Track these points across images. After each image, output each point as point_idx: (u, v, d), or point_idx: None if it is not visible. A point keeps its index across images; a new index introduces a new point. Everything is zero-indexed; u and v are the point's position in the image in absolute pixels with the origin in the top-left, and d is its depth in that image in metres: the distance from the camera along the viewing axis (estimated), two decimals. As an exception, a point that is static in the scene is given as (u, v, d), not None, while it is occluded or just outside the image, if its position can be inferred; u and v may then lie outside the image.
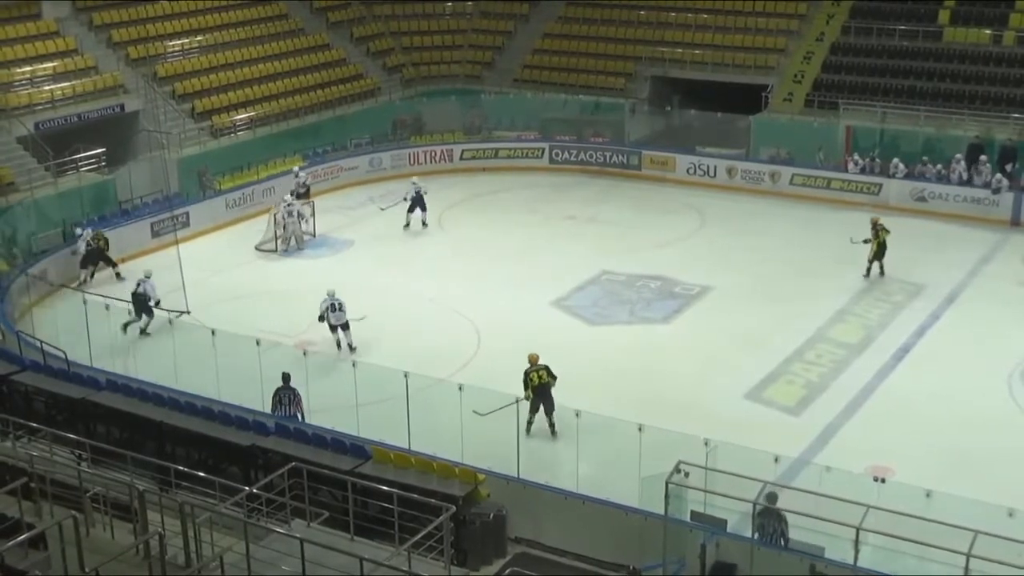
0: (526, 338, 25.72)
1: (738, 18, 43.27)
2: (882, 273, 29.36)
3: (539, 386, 21.06)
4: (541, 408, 21.14)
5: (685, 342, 26.07)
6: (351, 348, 24.97)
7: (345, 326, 25.18)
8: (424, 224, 33.71)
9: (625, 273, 30.00)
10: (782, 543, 15.79)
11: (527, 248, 32.16)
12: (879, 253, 29.25)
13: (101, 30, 38.75)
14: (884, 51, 40.06)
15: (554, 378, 21.17)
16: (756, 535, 15.77)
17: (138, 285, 26.33)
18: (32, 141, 33.28)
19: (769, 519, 15.90)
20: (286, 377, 21.27)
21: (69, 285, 28.21)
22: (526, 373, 21.10)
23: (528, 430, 21.01)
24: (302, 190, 34.51)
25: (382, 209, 34.01)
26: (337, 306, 25.23)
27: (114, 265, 30.01)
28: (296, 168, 35.87)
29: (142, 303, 26.01)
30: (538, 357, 21.41)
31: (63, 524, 12.62)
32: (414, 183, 34.01)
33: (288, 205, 32.42)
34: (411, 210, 33.64)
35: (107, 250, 29.87)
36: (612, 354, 25.24)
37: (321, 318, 25.21)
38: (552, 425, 21.25)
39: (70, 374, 21.57)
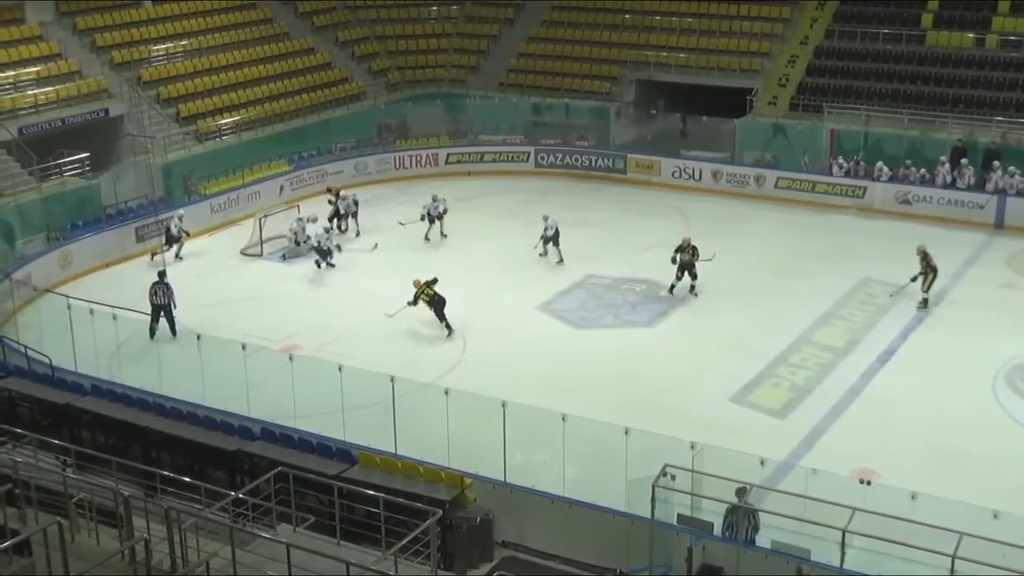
0: (512, 342, 25.89)
1: (722, 22, 43.42)
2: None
3: (433, 297, 26.07)
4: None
5: (670, 345, 26.10)
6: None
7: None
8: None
9: (610, 277, 30.04)
10: (753, 538, 15.94)
11: (512, 252, 32.14)
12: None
13: (85, 34, 38.64)
14: (868, 54, 40.24)
15: (435, 281, 26.36)
16: (727, 532, 16.06)
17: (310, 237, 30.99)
18: (16, 146, 33.13)
19: (740, 515, 16.01)
20: (161, 274, 26.46)
21: (53, 290, 28.10)
22: (416, 296, 26.09)
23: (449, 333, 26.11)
24: (354, 209, 34.10)
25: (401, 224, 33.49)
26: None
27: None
28: (343, 193, 35.27)
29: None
30: (419, 280, 26.24)
31: (48, 530, 12.56)
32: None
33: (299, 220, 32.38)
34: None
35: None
36: (598, 357, 25.25)
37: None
38: (448, 326, 26.18)
39: (54, 379, 21.50)
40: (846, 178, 36.31)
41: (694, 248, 28.38)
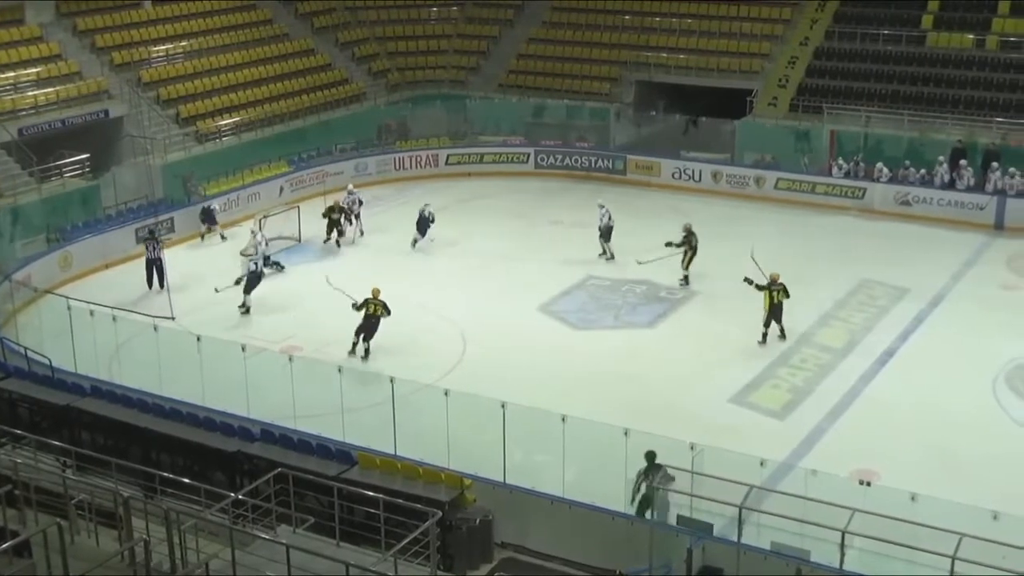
0: (512, 343, 25.90)
1: (722, 23, 43.43)
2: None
3: (372, 316, 24.83)
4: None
5: (671, 346, 26.11)
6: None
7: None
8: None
9: (610, 278, 30.06)
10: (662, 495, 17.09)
11: (513, 253, 32.16)
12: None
13: (85, 35, 38.65)
14: (868, 55, 40.25)
15: (388, 313, 24.89)
16: (639, 493, 17.43)
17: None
18: (16, 147, 33.15)
19: (653, 475, 17.26)
20: (151, 232, 29.78)
21: (53, 291, 28.10)
22: (367, 300, 24.85)
23: (352, 350, 24.95)
24: (357, 209, 33.63)
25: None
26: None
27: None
28: (350, 186, 34.97)
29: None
30: (380, 291, 25.00)
31: (48, 531, 12.57)
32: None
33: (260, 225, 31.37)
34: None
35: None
36: (598, 359, 25.26)
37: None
38: (367, 351, 25.02)
39: (54, 380, 21.48)
40: (846, 179, 36.33)
41: (783, 286, 25.67)
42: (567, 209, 36.30)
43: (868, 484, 16.66)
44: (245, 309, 27.97)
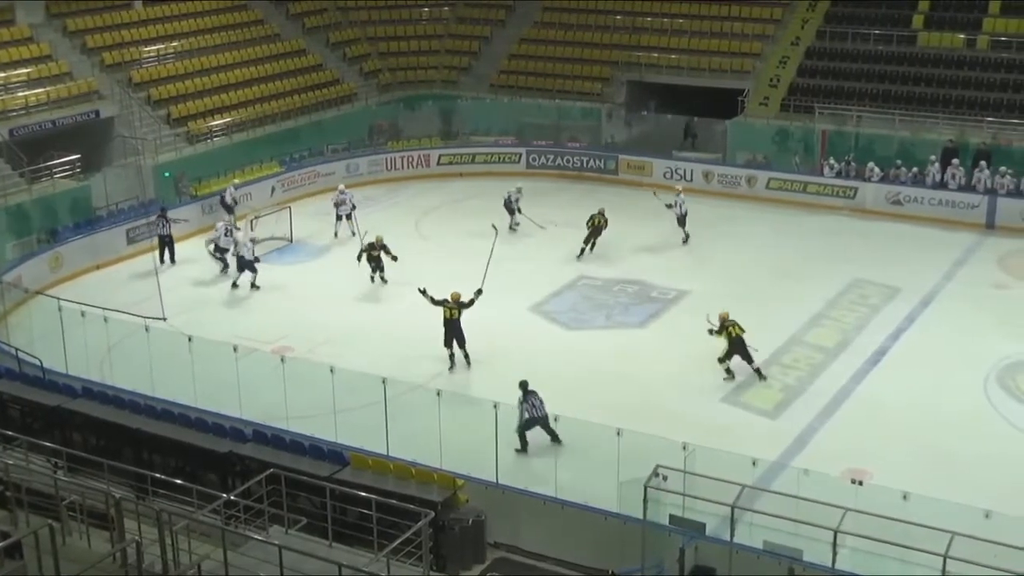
0: (503, 343, 25.86)
1: (714, 23, 43.47)
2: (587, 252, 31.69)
3: (448, 320, 24.04)
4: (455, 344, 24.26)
5: (662, 346, 26.11)
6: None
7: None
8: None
9: (602, 278, 30.06)
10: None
11: (504, 253, 32.06)
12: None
13: (75, 36, 38.56)
14: (859, 55, 40.32)
15: (470, 305, 24.20)
16: (525, 416, 19.92)
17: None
18: (6, 148, 33.06)
19: (531, 400, 19.84)
20: (163, 209, 31.32)
21: (43, 292, 28.03)
22: (444, 302, 24.26)
23: (451, 366, 24.21)
24: (347, 210, 33.19)
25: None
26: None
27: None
28: (341, 186, 34.57)
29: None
30: (460, 295, 24.30)
31: (39, 533, 12.54)
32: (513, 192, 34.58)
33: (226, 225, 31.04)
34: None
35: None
36: (589, 359, 25.25)
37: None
38: (467, 357, 24.37)
39: (45, 382, 21.45)
40: (837, 179, 36.38)
41: (734, 322, 24.12)
42: (559, 209, 36.25)
43: (860, 483, 16.68)
44: (233, 284, 29.57)
